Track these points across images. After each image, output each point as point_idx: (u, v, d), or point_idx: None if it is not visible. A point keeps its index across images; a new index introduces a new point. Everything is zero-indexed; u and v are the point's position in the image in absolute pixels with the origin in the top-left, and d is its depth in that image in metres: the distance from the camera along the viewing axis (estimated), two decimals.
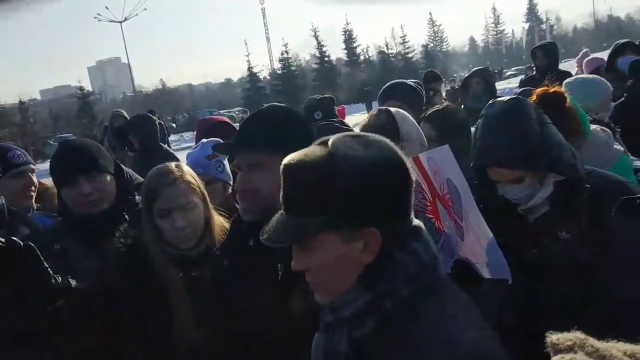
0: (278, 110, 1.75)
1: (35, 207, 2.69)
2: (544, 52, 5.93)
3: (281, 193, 1.15)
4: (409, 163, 1.15)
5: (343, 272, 1.12)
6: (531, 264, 1.65)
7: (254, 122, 1.67)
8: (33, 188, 2.74)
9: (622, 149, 2.23)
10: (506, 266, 1.50)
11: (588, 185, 1.66)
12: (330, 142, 1.12)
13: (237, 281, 1.65)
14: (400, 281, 1.09)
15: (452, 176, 1.54)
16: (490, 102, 1.79)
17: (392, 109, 2.28)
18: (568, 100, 2.21)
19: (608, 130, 2.26)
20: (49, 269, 1.58)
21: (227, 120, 3.71)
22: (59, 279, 1.66)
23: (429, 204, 1.72)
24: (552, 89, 2.22)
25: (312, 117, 3.29)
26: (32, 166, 2.98)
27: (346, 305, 1.11)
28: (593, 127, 2.30)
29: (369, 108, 30.11)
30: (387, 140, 1.16)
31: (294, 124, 1.64)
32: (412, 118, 2.27)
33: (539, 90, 2.25)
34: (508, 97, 1.82)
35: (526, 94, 2.68)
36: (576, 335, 0.70)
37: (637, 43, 5.68)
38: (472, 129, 2.41)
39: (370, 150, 1.10)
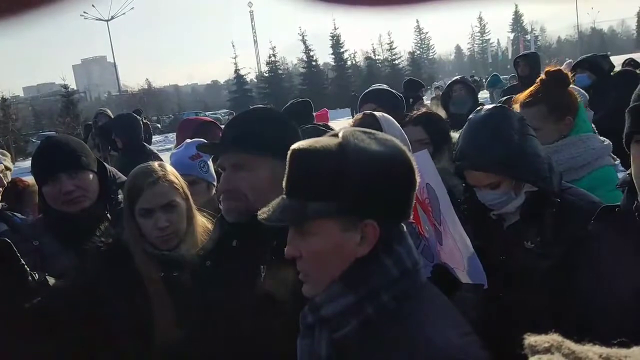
0: (264, 111, 1.76)
1: (2, 206, 2.65)
2: (527, 61, 6.05)
3: (285, 177, 1.15)
4: (415, 166, 1.16)
5: (336, 262, 1.12)
6: (499, 270, 1.69)
7: (239, 122, 1.67)
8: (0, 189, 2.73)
9: (613, 161, 2.23)
10: (482, 271, 1.52)
11: (559, 200, 1.69)
12: (340, 134, 1.13)
13: (219, 282, 1.64)
14: (381, 285, 1.10)
15: (431, 181, 1.56)
16: (478, 108, 1.83)
17: (377, 113, 2.29)
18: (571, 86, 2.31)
19: (609, 141, 2.25)
20: (25, 266, 1.55)
21: (212, 120, 3.70)
22: (36, 276, 1.64)
23: None
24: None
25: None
26: (1, 166, 2.94)
27: (327, 304, 1.11)
28: (595, 135, 2.32)
29: (355, 113, 30.24)
30: (397, 140, 1.17)
31: (280, 125, 1.64)
32: (396, 123, 2.29)
33: (547, 68, 2.34)
34: (494, 105, 1.85)
35: (508, 102, 2.74)
36: (553, 338, 0.71)
37: (607, 54, 5.83)
38: (455, 135, 2.45)
39: (381, 146, 1.12)
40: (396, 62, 63.80)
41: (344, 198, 1.07)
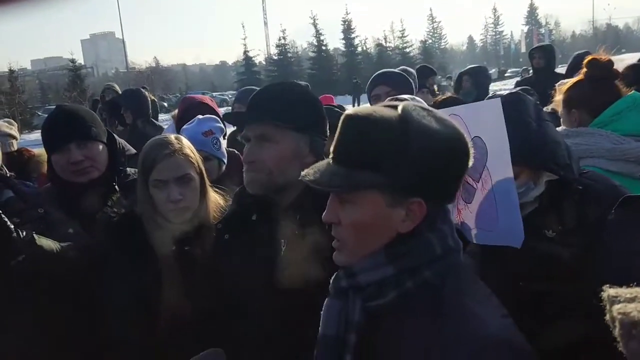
0: (291, 85, 1.73)
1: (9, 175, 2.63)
2: (542, 53, 5.98)
3: (334, 142, 1.12)
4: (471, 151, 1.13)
5: (375, 236, 1.09)
6: (518, 261, 1.65)
7: (266, 94, 1.64)
8: None
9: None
10: (520, 233, 1.46)
11: (580, 187, 1.64)
12: (400, 107, 1.09)
13: (238, 255, 1.62)
14: (423, 261, 1.08)
15: (484, 134, 1.47)
16: (490, 95, 1.77)
17: (407, 98, 2.26)
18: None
19: None
20: (8, 223, 1.52)
21: (209, 101, 3.64)
22: (22, 233, 1.60)
23: None
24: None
25: None
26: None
27: (365, 272, 1.09)
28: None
29: (356, 101, 30.04)
30: (456, 123, 1.14)
31: (306, 100, 1.62)
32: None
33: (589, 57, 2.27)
34: (508, 92, 1.79)
35: (525, 92, 2.69)
36: (636, 290, 0.72)
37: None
38: None
39: (441, 126, 1.08)
40: (407, 50, 63.34)
41: (399, 173, 1.04)
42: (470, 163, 1.12)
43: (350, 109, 1.11)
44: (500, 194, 1.48)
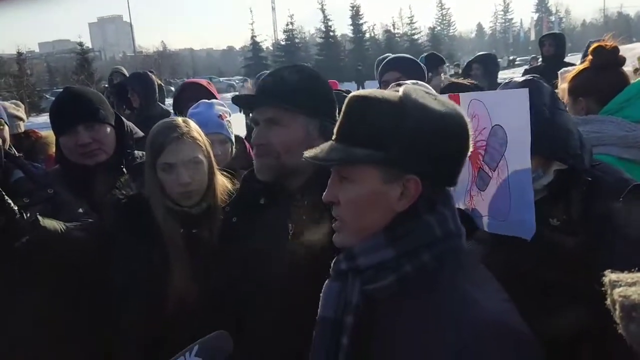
0: (301, 68, 1.71)
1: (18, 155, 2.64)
2: (552, 40, 5.90)
3: (337, 123, 1.15)
4: (472, 135, 1.14)
5: (373, 213, 1.10)
6: (523, 249, 1.64)
7: (276, 77, 1.62)
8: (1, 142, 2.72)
9: None
10: (532, 225, 1.45)
11: (590, 179, 1.63)
12: (402, 88, 1.12)
13: (245, 239, 1.62)
14: (423, 244, 1.07)
15: (506, 123, 1.45)
16: (507, 81, 1.75)
17: (421, 85, 2.24)
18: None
19: None
20: (12, 204, 1.52)
21: (206, 84, 3.64)
22: (26, 215, 1.60)
23: None
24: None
25: None
26: (2, 120, 2.91)
27: (364, 255, 1.09)
28: None
29: (360, 88, 29.86)
30: (459, 107, 1.15)
31: (316, 84, 1.61)
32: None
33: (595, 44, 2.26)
34: (525, 78, 1.77)
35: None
36: (637, 275, 0.72)
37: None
38: None
39: (440, 106, 1.10)
40: (415, 37, 62.84)
41: (394, 149, 1.06)
42: (471, 146, 1.13)
43: (355, 91, 1.14)
44: (515, 185, 1.47)
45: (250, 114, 1.66)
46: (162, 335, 1.71)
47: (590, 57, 2.22)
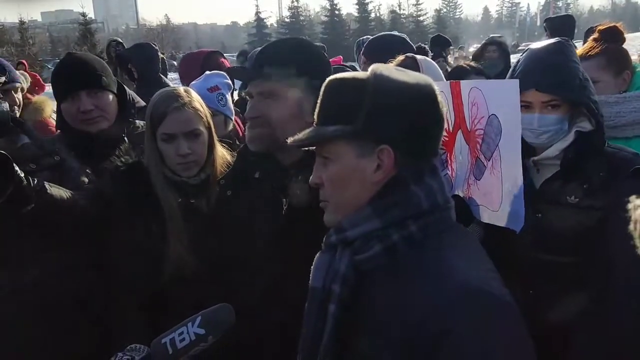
0: (298, 42, 1.69)
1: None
2: (561, 21, 5.76)
3: (317, 108, 1.19)
4: (444, 102, 1.16)
5: (354, 188, 1.13)
6: (534, 229, 1.64)
7: (271, 50, 1.61)
8: (16, 108, 2.71)
9: None
10: (521, 218, 1.46)
11: (607, 145, 1.65)
12: (373, 66, 1.16)
13: (239, 212, 1.63)
14: (410, 215, 1.10)
15: (500, 113, 1.46)
16: (533, 44, 1.76)
17: (418, 57, 2.23)
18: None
19: None
20: (19, 171, 1.52)
21: (214, 50, 3.58)
22: (33, 182, 1.59)
23: (446, 134, 1.68)
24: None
25: None
26: (17, 84, 2.91)
27: (352, 226, 1.12)
28: None
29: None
30: (431, 80, 1.17)
31: (312, 58, 1.59)
32: (438, 68, 2.23)
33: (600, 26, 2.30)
34: (558, 39, 1.75)
35: None
36: None
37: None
38: None
39: (408, 78, 1.13)
40: (421, 18, 62.05)
41: (358, 120, 1.09)
42: (445, 115, 1.16)
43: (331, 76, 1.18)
44: (507, 177, 1.48)
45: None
46: (160, 305, 1.72)
47: (601, 39, 2.21)
